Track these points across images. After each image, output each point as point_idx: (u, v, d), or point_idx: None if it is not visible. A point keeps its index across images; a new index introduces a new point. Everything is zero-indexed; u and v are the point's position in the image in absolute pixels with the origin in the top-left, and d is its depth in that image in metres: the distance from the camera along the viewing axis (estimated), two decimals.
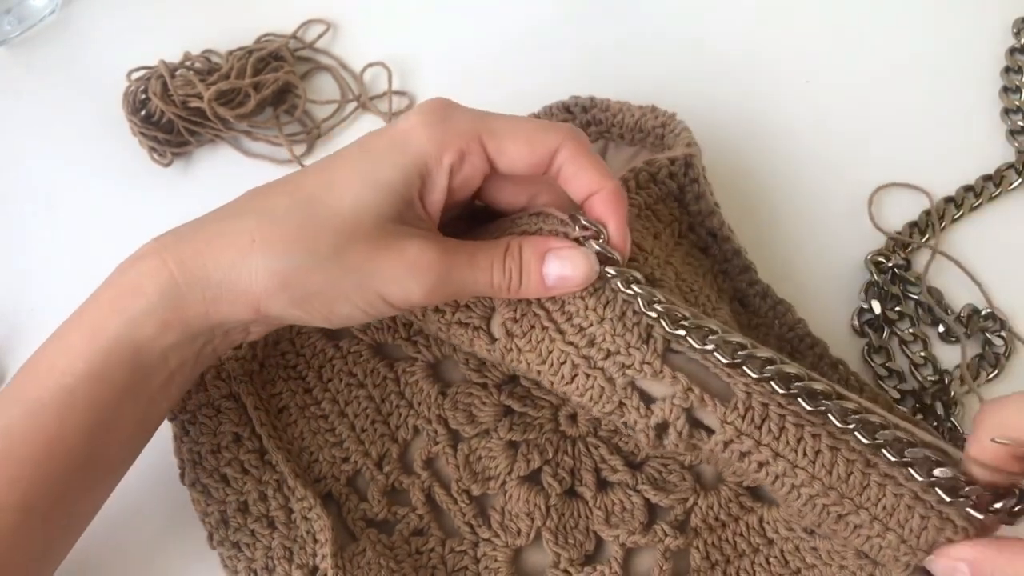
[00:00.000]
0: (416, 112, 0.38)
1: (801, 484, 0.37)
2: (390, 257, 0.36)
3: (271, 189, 0.38)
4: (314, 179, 0.38)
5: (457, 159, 0.37)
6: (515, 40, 0.58)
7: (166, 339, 0.37)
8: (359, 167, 0.37)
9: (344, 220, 0.36)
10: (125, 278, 0.37)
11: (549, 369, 0.40)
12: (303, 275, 0.36)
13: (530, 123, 0.38)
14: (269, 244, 0.36)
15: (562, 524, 0.45)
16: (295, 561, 0.43)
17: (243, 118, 0.54)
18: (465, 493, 0.46)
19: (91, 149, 0.55)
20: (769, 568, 0.43)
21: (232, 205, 0.38)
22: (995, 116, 0.55)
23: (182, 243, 0.37)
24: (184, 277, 0.36)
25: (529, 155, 0.38)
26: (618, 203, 0.38)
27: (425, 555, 0.45)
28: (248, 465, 0.45)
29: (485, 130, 0.37)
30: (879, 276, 0.51)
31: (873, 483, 0.36)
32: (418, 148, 0.37)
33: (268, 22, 0.58)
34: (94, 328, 0.37)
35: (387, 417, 0.47)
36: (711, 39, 0.58)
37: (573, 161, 0.38)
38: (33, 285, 0.53)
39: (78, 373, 0.36)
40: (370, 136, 0.39)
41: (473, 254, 0.38)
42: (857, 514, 0.37)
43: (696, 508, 0.45)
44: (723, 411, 0.37)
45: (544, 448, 0.46)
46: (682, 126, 0.46)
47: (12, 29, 0.58)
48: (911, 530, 0.36)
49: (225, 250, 0.36)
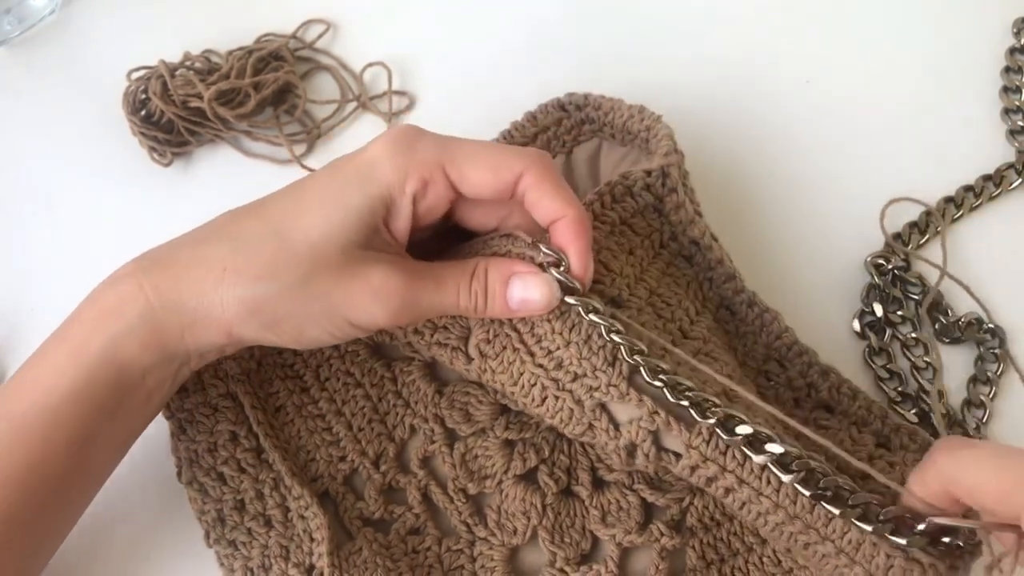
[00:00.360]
0: (382, 140, 0.39)
1: (766, 511, 0.37)
2: (355, 284, 0.37)
3: (244, 214, 0.40)
4: (284, 206, 0.39)
5: (420, 187, 0.38)
6: (515, 40, 0.58)
7: (145, 359, 0.39)
8: (327, 195, 0.38)
9: (311, 248, 0.37)
10: (105, 299, 0.39)
11: (520, 391, 0.40)
12: (272, 302, 0.37)
13: (494, 149, 0.39)
14: (240, 273, 0.37)
15: (558, 523, 0.45)
16: (291, 559, 0.43)
17: (243, 118, 0.54)
18: (461, 492, 0.46)
19: (91, 149, 0.55)
20: (763, 567, 0.43)
21: (207, 228, 0.40)
22: (995, 116, 0.55)
23: (158, 268, 0.39)
24: (160, 302, 0.38)
25: (492, 182, 0.38)
26: (579, 232, 0.39)
27: (421, 554, 0.45)
28: (245, 464, 0.45)
29: (447, 158, 0.38)
30: (880, 278, 0.50)
31: (838, 517, 0.36)
32: (382, 177, 0.38)
33: (268, 22, 0.58)
34: (77, 346, 0.38)
35: (384, 416, 0.47)
36: (711, 39, 0.58)
37: (536, 188, 0.38)
38: (33, 285, 0.53)
39: (62, 391, 0.38)
40: (339, 162, 0.40)
41: (440, 277, 0.39)
42: (823, 544, 0.37)
43: (692, 507, 0.45)
44: (688, 436, 0.38)
45: (540, 447, 0.46)
46: (665, 131, 0.46)
47: (12, 29, 0.58)
48: (877, 566, 0.35)
49: (198, 279, 0.38)
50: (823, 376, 0.46)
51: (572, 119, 0.50)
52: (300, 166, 0.54)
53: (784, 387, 0.46)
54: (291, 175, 0.54)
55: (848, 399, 0.45)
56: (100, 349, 0.38)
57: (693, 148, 0.48)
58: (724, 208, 0.51)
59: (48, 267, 0.53)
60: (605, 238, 0.43)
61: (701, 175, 0.49)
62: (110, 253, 0.53)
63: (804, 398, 0.45)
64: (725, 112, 0.56)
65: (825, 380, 0.46)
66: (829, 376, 0.46)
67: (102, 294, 0.39)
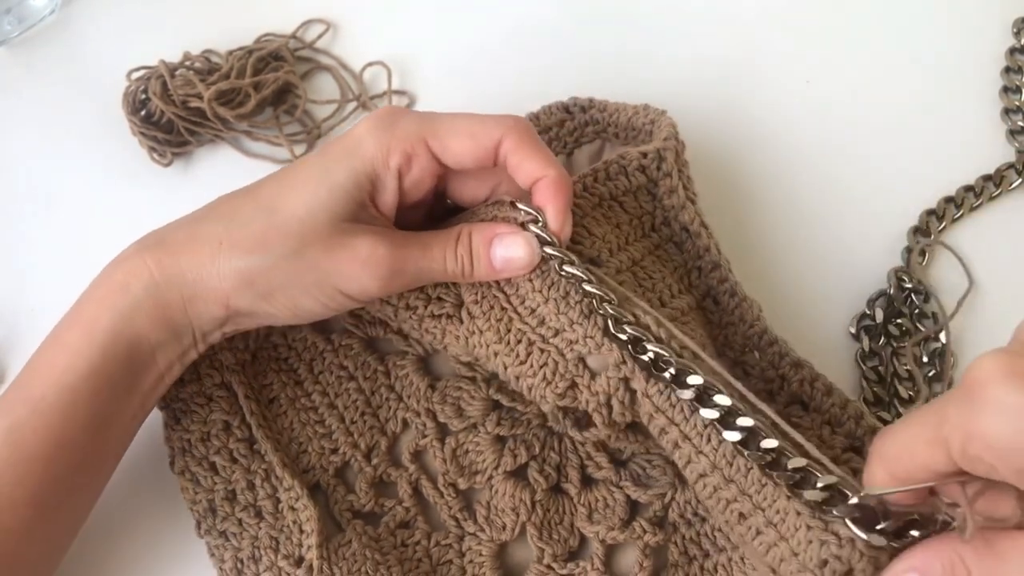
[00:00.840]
0: (366, 119, 0.41)
1: (704, 472, 0.37)
2: (344, 254, 0.39)
3: (237, 196, 0.42)
4: (274, 186, 0.41)
5: (404, 161, 0.40)
6: (515, 40, 0.58)
7: (153, 336, 0.41)
8: (313, 173, 0.40)
9: (301, 222, 0.39)
10: (112, 278, 0.41)
11: (506, 348, 0.41)
12: (265, 272, 0.39)
13: (473, 119, 0.40)
14: (235, 247, 0.39)
15: (547, 520, 0.45)
16: (281, 551, 0.44)
17: (243, 118, 0.54)
18: (452, 487, 0.46)
19: (91, 149, 0.56)
20: (743, 564, 0.43)
21: (204, 210, 0.42)
22: (995, 116, 0.55)
23: (159, 246, 0.41)
24: (163, 276, 0.40)
25: (473, 149, 0.40)
26: (558, 190, 0.40)
27: (410, 548, 0.46)
28: (237, 454, 0.45)
29: (428, 131, 0.40)
30: (894, 290, 0.50)
31: (770, 483, 0.35)
32: (365, 153, 0.40)
33: (268, 22, 0.58)
34: (89, 324, 0.40)
35: (376, 410, 0.47)
36: (711, 39, 0.58)
37: (516, 151, 0.40)
38: (33, 285, 0.53)
39: (79, 370, 0.39)
40: (328, 144, 0.42)
41: (426, 244, 0.41)
42: (755, 515, 0.36)
43: (674, 503, 0.45)
44: (644, 385, 0.38)
45: (531, 443, 0.46)
46: (668, 121, 0.46)
47: (12, 29, 0.58)
48: (799, 542, 0.34)
49: (197, 252, 0.40)
50: (795, 368, 0.44)
51: (575, 120, 0.50)
52: None
53: (758, 379, 0.45)
54: None
55: (822, 395, 0.43)
56: (110, 324, 0.39)
57: (693, 148, 0.48)
58: (723, 207, 0.51)
59: (48, 267, 0.53)
60: (593, 209, 0.44)
61: (701, 175, 0.49)
62: (110, 253, 0.53)
63: (777, 391, 0.44)
64: (725, 112, 0.55)
65: (797, 372, 0.44)
66: (801, 368, 0.44)
67: (109, 274, 0.41)
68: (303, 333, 0.48)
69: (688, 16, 0.59)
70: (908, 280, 0.50)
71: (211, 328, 0.42)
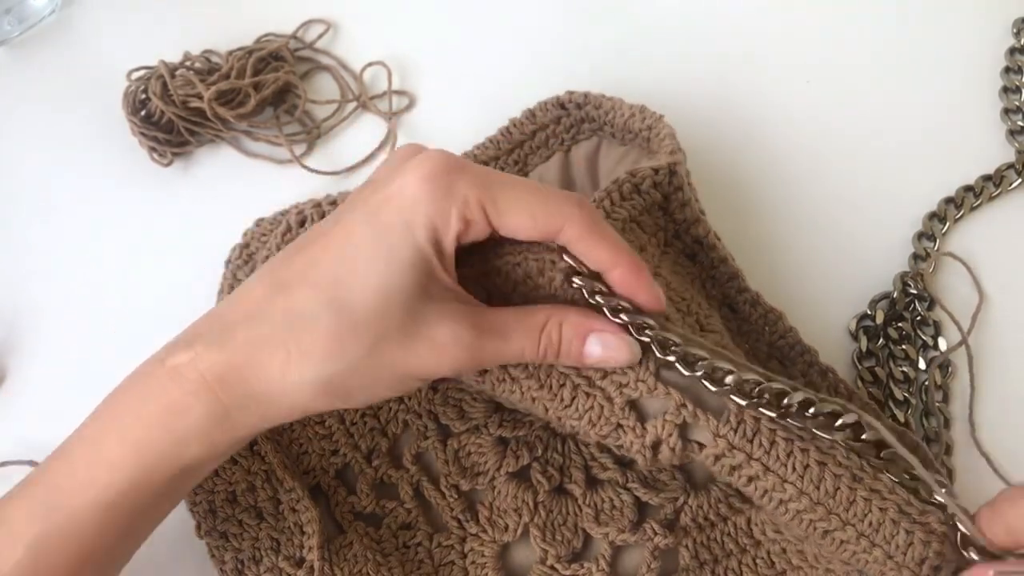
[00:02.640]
0: (419, 176, 0.36)
1: (789, 499, 0.37)
2: (422, 346, 0.36)
3: (291, 278, 0.37)
4: (331, 266, 0.36)
5: (463, 228, 0.37)
6: (515, 40, 0.58)
7: (211, 460, 0.38)
8: (376, 253, 0.36)
9: (373, 317, 0.36)
10: (167, 392, 0.37)
11: (547, 393, 0.39)
12: (342, 378, 0.36)
13: (535, 195, 0.37)
14: (305, 356, 0.36)
15: (550, 520, 0.45)
16: (282, 552, 0.43)
17: (243, 118, 0.54)
18: (454, 488, 0.46)
19: (91, 149, 0.56)
20: (756, 569, 0.43)
21: (256, 295, 0.38)
22: (995, 116, 0.55)
23: (215, 352, 0.36)
24: (230, 398, 0.36)
25: (530, 229, 0.37)
26: (638, 276, 0.37)
27: (412, 549, 0.45)
28: (237, 455, 0.45)
29: (488, 199, 0.36)
30: (898, 294, 0.50)
31: (860, 499, 0.36)
32: (428, 222, 0.36)
33: (268, 22, 0.58)
34: (139, 445, 0.37)
35: (377, 411, 0.47)
36: (711, 38, 0.58)
37: (580, 241, 0.37)
38: (33, 285, 0.53)
39: (122, 488, 0.36)
40: (374, 201, 0.37)
41: (505, 328, 0.38)
42: (844, 530, 0.37)
43: (686, 507, 0.45)
44: (716, 424, 0.37)
45: (534, 444, 0.46)
46: (667, 130, 0.46)
47: (12, 29, 0.58)
48: (897, 546, 0.36)
49: (264, 366, 0.36)
50: (822, 376, 0.46)
51: (571, 117, 0.50)
52: (300, 166, 0.54)
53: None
54: (291, 175, 0.54)
55: (845, 400, 0.44)
56: (163, 449, 0.36)
57: (693, 148, 0.48)
58: (724, 207, 0.51)
59: (48, 267, 0.53)
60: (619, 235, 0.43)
61: (701, 175, 0.49)
62: (110, 253, 0.53)
63: None
64: (725, 112, 0.56)
65: (824, 380, 0.46)
66: (827, 376, 0.46)
67: (161, 386, 0.37)
68: None
69: (688, 16, 0.59)
70: (914, 286, 0.50)
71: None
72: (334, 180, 0.54)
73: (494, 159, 0.50)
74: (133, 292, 0.52)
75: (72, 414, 0.51)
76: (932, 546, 0.35)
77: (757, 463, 0.37)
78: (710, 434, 0.38)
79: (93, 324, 0.51)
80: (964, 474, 0.47)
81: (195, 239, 0.53)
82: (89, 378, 0.51)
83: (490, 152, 0.50)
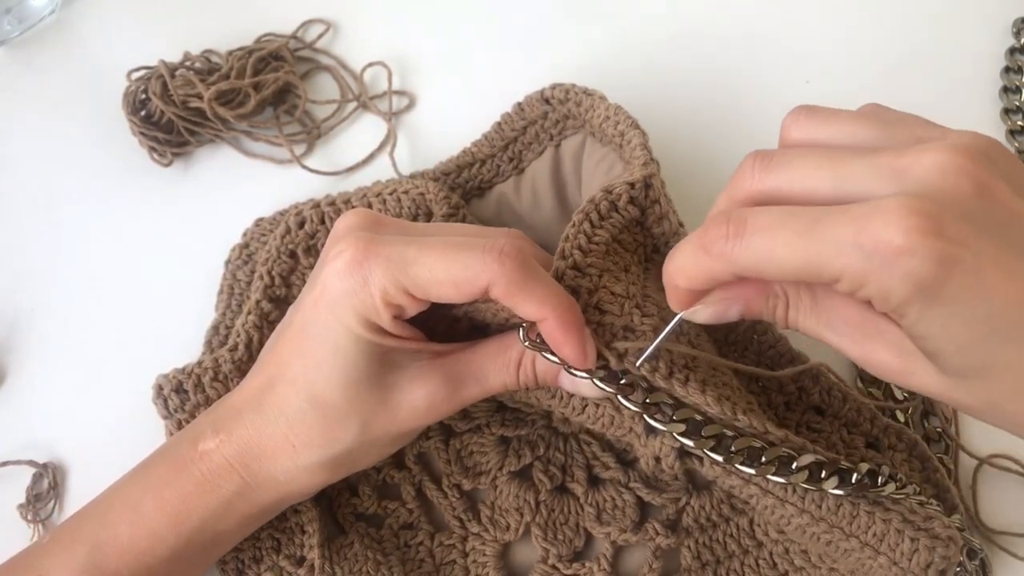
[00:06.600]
0: (336, 272, 0.38)
1: (791, 515, 0.38)
2: (404, 414, 0.40)
3: (275, 375, 0.40)
4: (300, 365, 0.39)
5: (394, 312, 0.38)
6: (515, 40, 0.58)
7: (241, 524, 0.42)
8: (327, 351, 0.39)
9: (349, 406, 0.39)
10: (199, 471, 0.40)
11: (560, 403, 0.41)
12: (344, 456, 0.40)
13: (454, 263, 0.36)
14: (307, 446, 0.40)
15: (552, 520, 0.45)
16: (283, 552, 0.44)
17: (243, 118, 0.54)
18: (456, 488, 0.46)
19: (91, 149, 0.56)
20: (758, 570, 0.43)
21: (254, 387, 0.41)
22: (995, 116, 0.55)
23: (237, 444, 0.40)
24: (255, 482, 0.40)
25: (456, 297, 0.37)
26: (566, 329, 0.36)
27: (414, 548, 0.46)
28: None
29: (408, 281, 0.37)
30: None
31: (862, 512, 0.37)
32: (356, 315, 0.37)
33: (268, 22, 0.58)
34: (177, 516, 0.40)
35: None
36: (710, 38, 0.58)
37: (506, 299, 0.36)
38: (33, 285, 0.53)
39: (160, 555, 0.40)
40: (311, 304, 0.39)
41: (482, 372, 0.40)
42: (848, 541, 0.37)
43: (688, 508, 0.45)
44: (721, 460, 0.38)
45: (536, 444, 0.46)
46: (638, 140, 0.44)
47: (12, 29, 0.58)
48: (903, 553, 0.36)
49: (278, 455, 0.40)
50: (814, 380, 0.45)
51: (557, 113, 0.48)
52: (300, 166, 0.54)
53: (775, 392, 0.45)
54: (291, 175, 0.54)
55: (839, 401, 0.45)
56: (200, 522, 0.40)
57: (692, 148, 0.48)
58: None
59: (48, 267, 0.53)
60: (602, 260, 0.41)
61: (701, 175, 0.49)
62: (110, 253, 0.53)
63: (795, 402, 0.45)
64: (725, 112, 0.55)
65: (816, 384, 0.45)
66: (819, 379, 0.45)
67: (194, 465, 0.40)
68: None
69: (688, 16, 0.58)
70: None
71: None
72: (334, 180, 0.54)
73: (490, 157, 0.50)
74: (133, 292, 0.52)
75: (72, 414, 0.51)
76: (938, 551, 0.36)
77: (755, 486, 0.38)
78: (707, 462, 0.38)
79: (93, 324, 0.52)
80: (965, 473, 0.47)
81: (195, 239, 0.53)
82: (89, 378, 0.51)
83: (485, 150, 0.50)
